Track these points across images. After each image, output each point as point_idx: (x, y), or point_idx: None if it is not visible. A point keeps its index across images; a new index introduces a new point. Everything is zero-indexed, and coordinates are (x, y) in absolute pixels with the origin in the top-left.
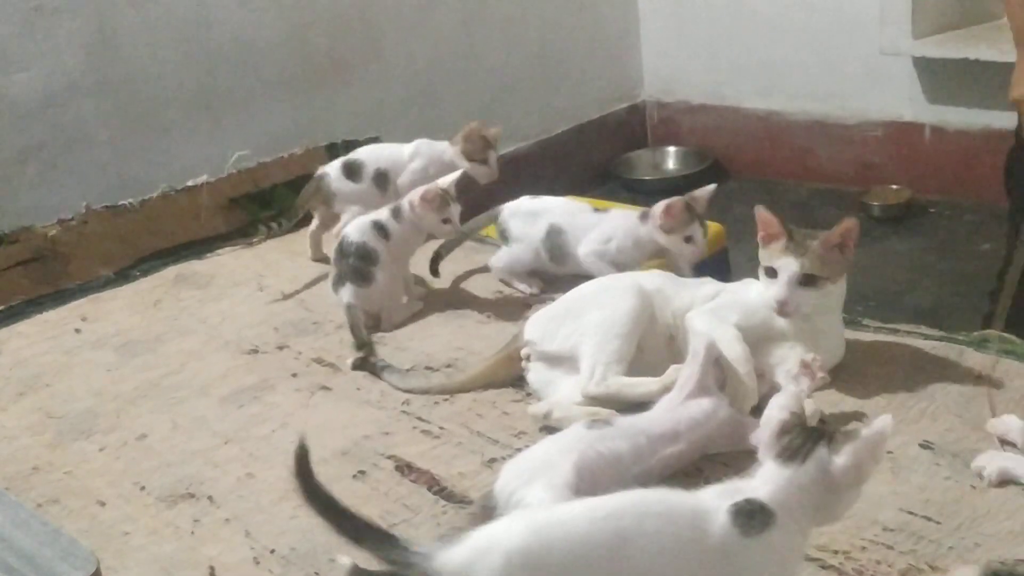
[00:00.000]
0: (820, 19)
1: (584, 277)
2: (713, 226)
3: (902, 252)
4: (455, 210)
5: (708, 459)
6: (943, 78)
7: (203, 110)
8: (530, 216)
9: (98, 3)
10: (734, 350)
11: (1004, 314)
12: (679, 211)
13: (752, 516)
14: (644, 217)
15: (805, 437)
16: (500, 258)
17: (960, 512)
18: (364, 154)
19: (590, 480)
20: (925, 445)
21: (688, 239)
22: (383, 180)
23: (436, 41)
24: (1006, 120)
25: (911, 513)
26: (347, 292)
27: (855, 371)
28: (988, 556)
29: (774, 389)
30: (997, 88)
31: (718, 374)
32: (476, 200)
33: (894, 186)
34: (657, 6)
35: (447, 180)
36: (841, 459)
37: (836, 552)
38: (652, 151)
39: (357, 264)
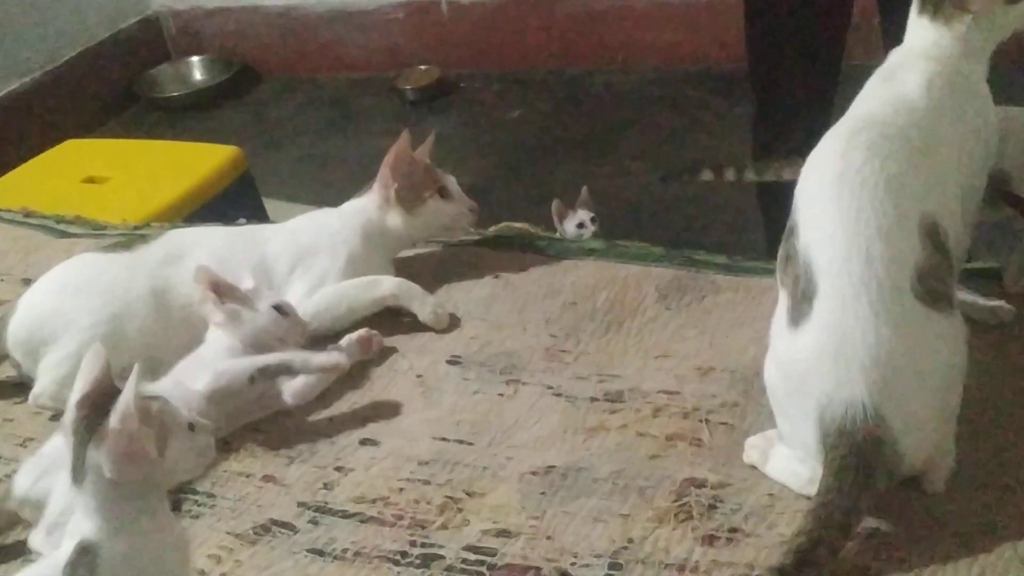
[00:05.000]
0: None
1: None
2: (228, 149)
3: (442, 132)
4: None
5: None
6: None
7: None
8: None
9: None
10: None
11: None
12: None
13: (75, 567)
14: None
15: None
16: None
17: (491, 427)
18: None
19: None
20: (453, 360)
21: None
22: None
23: None
24: None
25: (445, 440)
26: None
27: None
28: (520, 469)
29: None
30: None
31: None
32: None
33: (423, 67)
34: None
35: None
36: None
37: (374, 501)
38: (175, 64)
39: None
